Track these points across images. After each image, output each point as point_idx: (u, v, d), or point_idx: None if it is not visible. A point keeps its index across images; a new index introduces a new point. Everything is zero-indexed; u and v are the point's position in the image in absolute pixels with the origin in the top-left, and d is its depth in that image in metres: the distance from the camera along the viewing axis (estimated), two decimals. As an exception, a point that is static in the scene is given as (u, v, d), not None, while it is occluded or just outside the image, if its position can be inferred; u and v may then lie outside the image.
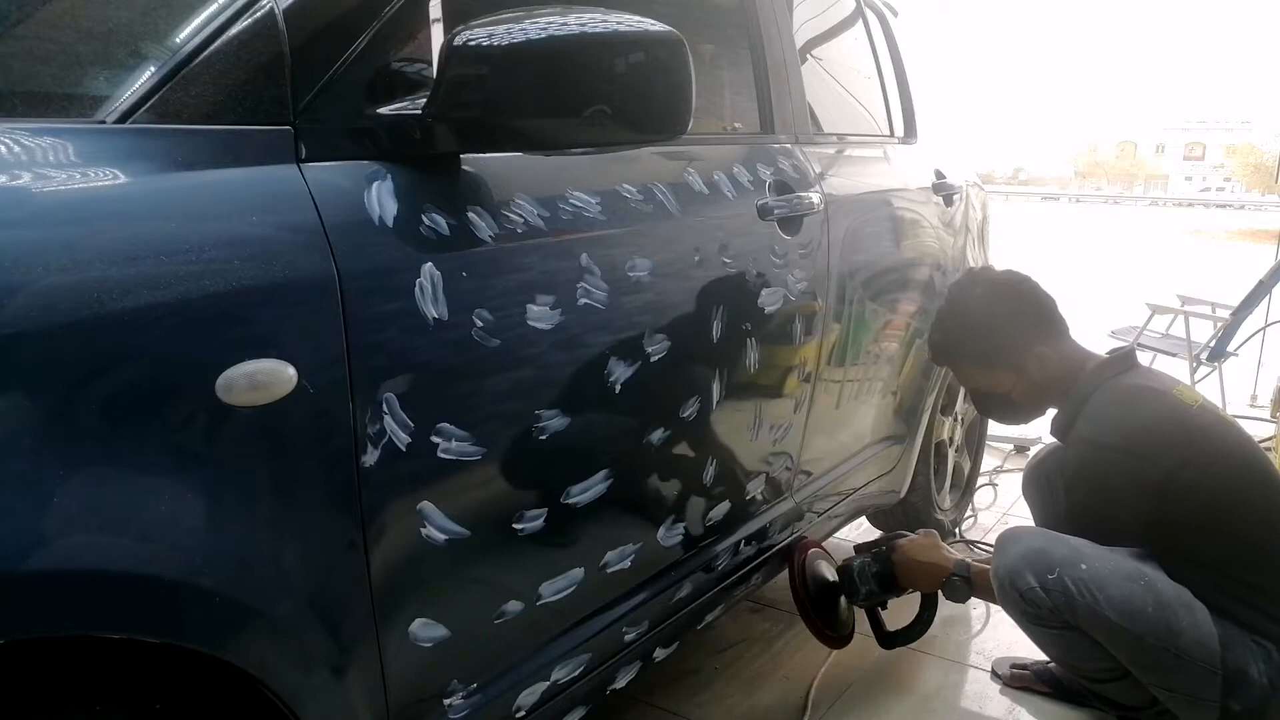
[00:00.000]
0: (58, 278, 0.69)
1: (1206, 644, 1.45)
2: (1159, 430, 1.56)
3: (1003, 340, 1.77)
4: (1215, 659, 1.45)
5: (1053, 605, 1.49)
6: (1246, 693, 1.45)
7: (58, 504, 0.68)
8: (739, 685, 1.88)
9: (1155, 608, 1.46)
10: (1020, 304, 1.79)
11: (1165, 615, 1.45)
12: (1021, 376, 1.77)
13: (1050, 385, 1.76)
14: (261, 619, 0.83)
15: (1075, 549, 1.52)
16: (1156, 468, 1.51)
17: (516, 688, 1.16)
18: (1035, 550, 1.53)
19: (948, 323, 1.86)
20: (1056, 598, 1.48)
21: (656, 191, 1.30)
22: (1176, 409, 1.59)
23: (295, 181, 0.88)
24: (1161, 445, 1.54)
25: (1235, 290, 4.04)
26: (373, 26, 0.98)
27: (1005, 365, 1.78)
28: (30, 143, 0.75)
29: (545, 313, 1.09)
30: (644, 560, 1.37)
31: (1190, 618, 1.47)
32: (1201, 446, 1.54)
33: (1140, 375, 1.70)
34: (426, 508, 0.98)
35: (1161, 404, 1.60)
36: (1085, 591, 1.46)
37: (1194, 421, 1.57)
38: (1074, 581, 1.47)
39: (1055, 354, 1.76)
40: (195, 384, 0.77)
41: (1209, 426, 1.58)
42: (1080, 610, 1.47)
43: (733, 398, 1.48)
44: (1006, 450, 3.46)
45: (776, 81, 1.71)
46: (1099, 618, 1.46)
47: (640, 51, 0.98)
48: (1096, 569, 1.48)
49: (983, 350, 1.81)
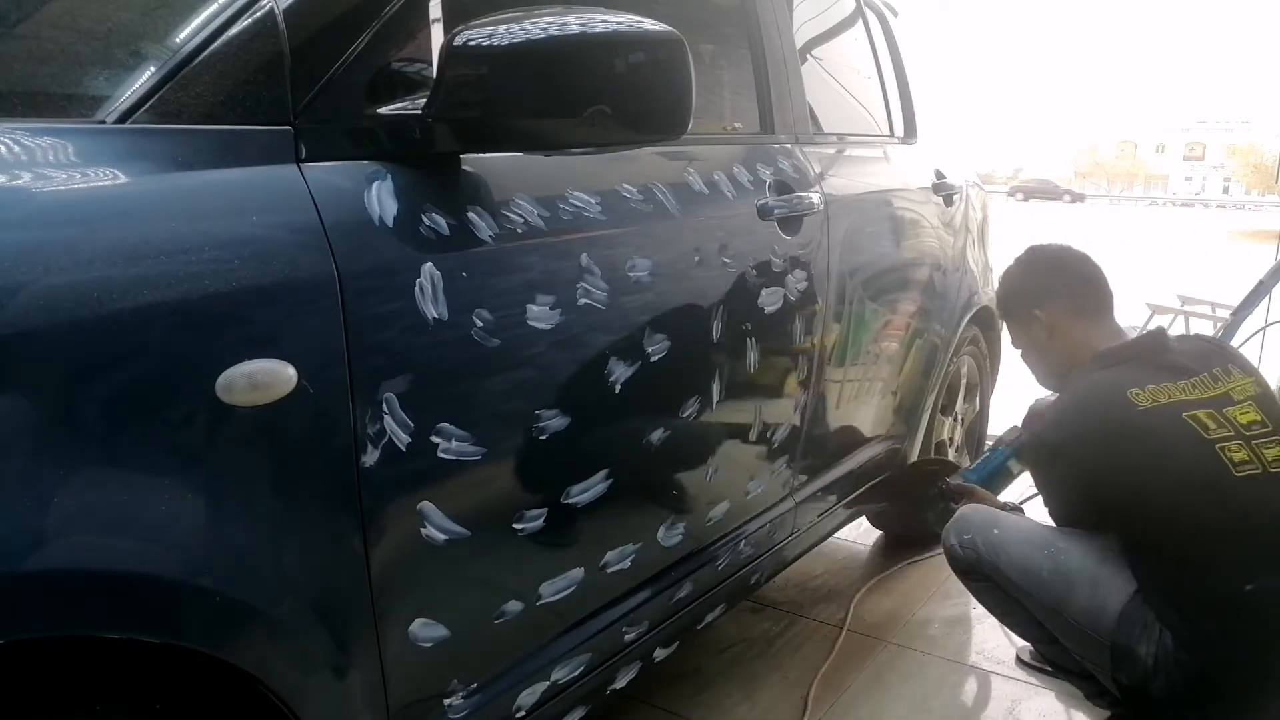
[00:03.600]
0: (58, 278, 0.69)
1: (1096, 616, 1.56)
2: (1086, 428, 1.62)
3: (1010, 297, 1.93)
4: (1105, 630, 1.55)
5: (966, 560, 1.76)
6: (1131, 669, 1.54)
7: (58, 504, 0.68)
8: (739, 685, 1.88)
9: (1050, 574, 1.62)
10: (1029, 268, 1.90)
11: (1060, 581, 1.61)
12: (1029, 336, 1.88)
13: (1057, 353, 1.82)
14: (261, 619, 0.83)
15: (995, 518, 1.77)
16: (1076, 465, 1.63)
17: (516, 688, 1.16)
18: (962, 517, 1.81)
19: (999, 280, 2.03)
20: (969, 553, 1.75)
21: (656, 191, 1.30)
22: (1114, 411, 1.58)
23: (295, 181, 0.88)
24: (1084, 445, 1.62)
25: (1235, 290, 4.04)
26: (373, 26, 0.98)
27: (1015, 321, 1.93)
28: (30, 143, 0.75)
29: (545, 313, 1.09)
30: (644, 560, 1.37)
31: (1091, 590, 1.58)
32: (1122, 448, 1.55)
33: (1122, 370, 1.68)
34: (426, 508, 0.98)
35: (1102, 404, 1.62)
36: (990, 550, 1.71)
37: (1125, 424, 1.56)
38: (983, 542, 1.73)
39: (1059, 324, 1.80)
40: (195, 384, 0.77)
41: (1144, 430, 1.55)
42: (986, 566, 1.72)
43: (732, 398, 1.48)
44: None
45: (776, 81, 1.71)
46: (1001, 574, 1.69)
47: (640, 51, 0.98)
48: (1006, 535, 1.71)
49: (1001, 303, 2.01)
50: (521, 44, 0.91)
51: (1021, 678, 1.93)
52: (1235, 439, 1.53)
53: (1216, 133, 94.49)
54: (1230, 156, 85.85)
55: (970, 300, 2.41)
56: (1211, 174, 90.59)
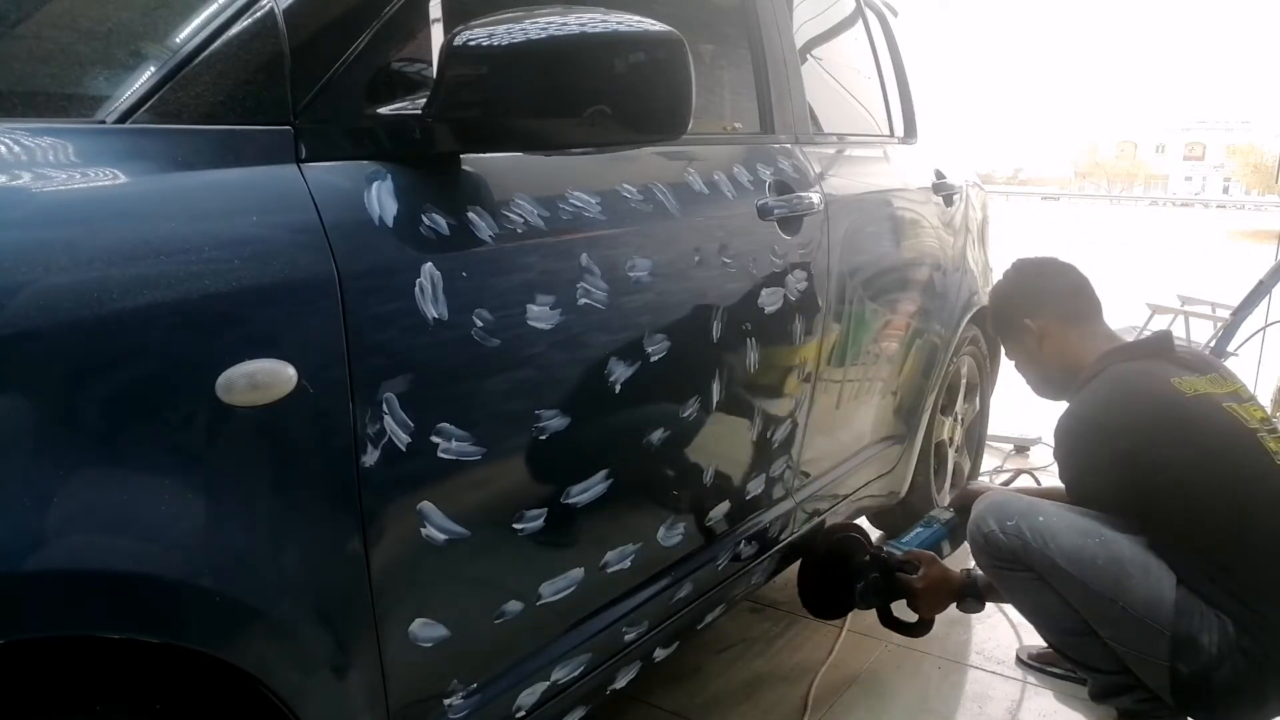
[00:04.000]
0: (58, 278, 0.69)
1: (1156, 604, 1.52)
2: (1135, 409, 1.64)
3: (1000, 309, 1.98)
4: (1165, 619, 1.52)
5: (1010, 547, 1.64)
6: (1194, 657, 1.51)
7: (58, 504, 0.68)
8: (739, 685, 1.88)
9: (1106, 561, 1.56)
10: (1014, 282, 1.95)
11: (1115, 569, 1.55)
12: (1023, 348, 1.91)
13: (1053, 361, 1.85)
14: (261, 619, 0.83)
15: (1037, 505, 1.66)
16: (1124, 441, 1.61)
17: (516, 688, 1.16)
18: (999, 502, 1.71)
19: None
20: (1013, 541, 1.63)
21: (656, 191, 1.30)
22: (1164, 393, 1.64)
23: (295, 181, 0.88)
24: (1133, 422, 1.62)
25: (1235, 290, 4.04)
26: (373, 26, 0.98)
27: (1006, 332, 1.97)
28: (30, 143, 0.75)
29: (545, 313, 1.09)
30: (644, 560, 1.37)
31: (1145, 578, 1.54)
32: (1175, 430, 1.60)
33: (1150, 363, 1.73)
34: (426, 508, 0.98)
35: (1149, 387, 1.66)
36: (1038, 538, 1.60)
37: (1177, 407, 1.62)
38: (1029, 528, 1.62)
39: (1050, 332, 1.85)
40: (195, 384, 0.77)
41: (1194, 415, 1.61)
42: (1034, 554, 1.61)
43: (733, 398, 1.48)
44: (1006, 450, 3.46)
45: (776, 81, 1.71)
46: (1049, 562, 1.59)
47: (640, 51, 0.98)
48: (1052, 521, 1.62)
49: (991, 316, 2.05)
50: (521, 44, 0.91)
51: (1021, 678, 1.93)
52: (1263, 431, 1.60)
53: (1216, 133, 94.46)
54: (1230, 156, 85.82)
55: (970, 300, 2.41)
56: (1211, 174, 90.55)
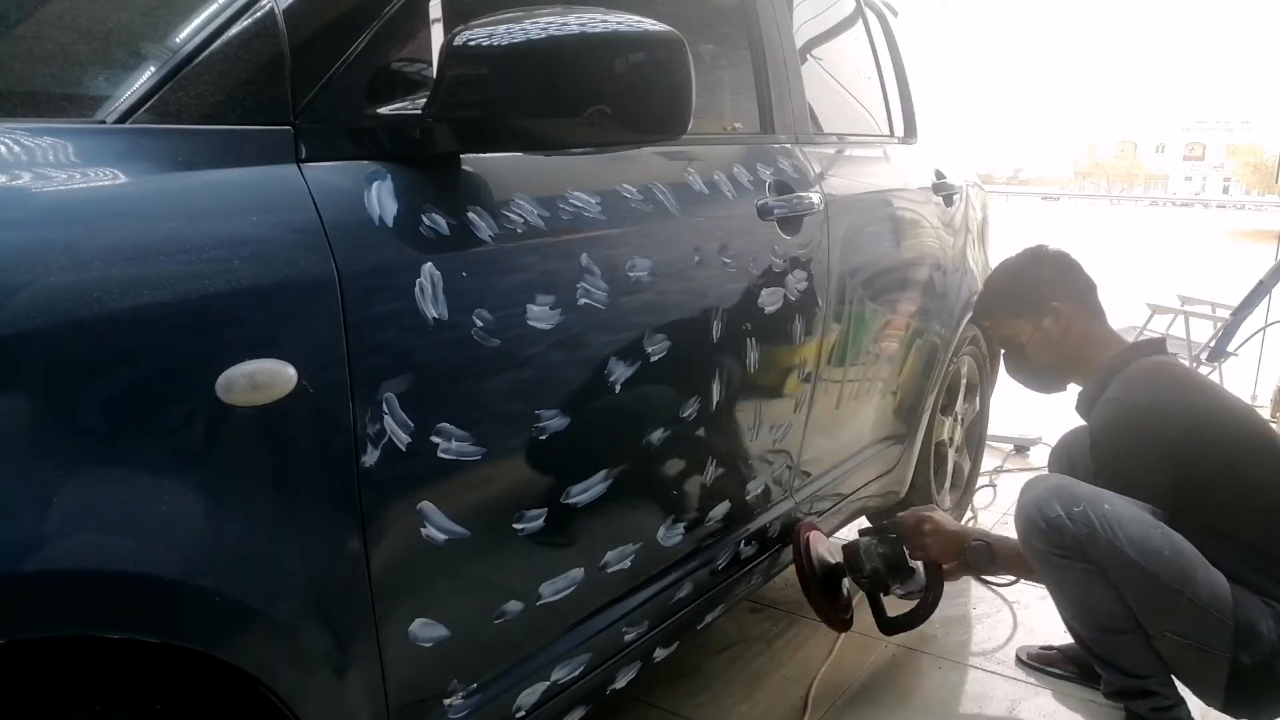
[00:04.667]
0: (58, 277, 0.69)
1: (1219, 594, 1.51)
2: (1185, 393, 1.68)
3: (1021, 290, 1.91)
4: (1227, 610, 1.51)
5: (1075, 535, 1.55)
6: (1257, 647, 1.50)
7: (58, 504, 0.68)
8: (739, 685, 1.88)
9: (1172, 552, 1.52)
10: (1042, 262, 1.93)
11: (1181, 561, 1.52)
12: (1038, 330, 1.87)
13: (1066, 348, 1.85)
14: (261, 619, 0.83)
15: (1100, 491, 1.60)
16: (1177, 425, 1.61)
17: (516, 688, 1.16)
18: (1063, 485, 1.63)
19: (987, 281, 2.02)
20: (1080, 528, 1.54)
21: (656, 191, 1.30)
22: (1203, 382, 1.74)
23: (295, 181, 0.88)
24: (1185, 406, 1.64)
25: (1235, 290, 4.04)
26: (373, 26, 0.98)
27: (1022, 315, 1.89)
28: (30, 143, 0.75)
29: (545, 313, 1.09)
30: (644, 560, 1.37)
31: (1204, 569, 1.53)
32: (1223, 415, 1.65)
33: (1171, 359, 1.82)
34: (426, 508, 0.98)
35: (1191, 375, 1.76)
36: (1107, 526, 1.53)
37: (1219, 395, 1.71)
38: (1097, 516, 1.54)
39: (1076, 318, 1.85)
40: (195, 384, 0.77)
41: (1233, 404, 1.69)
42: (1101, 543, 1.53)
43: (733, 398, 1.48)
44: (1006, 450, 3.46)
45: (776, 81, 1.71)
46: (1118, 553, 1.52)
47: (640, 51, 0.98)
48: (1119, 509, 1.56)
49: (1005, 299, 1.94)
50: (521, 44, 0.91)
51: (1021, 678, 1.93)
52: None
53: (1216, 133, 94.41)
54: (1230, 156, 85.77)
55: (970, 300, 2.41)
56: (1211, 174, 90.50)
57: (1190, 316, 3.95)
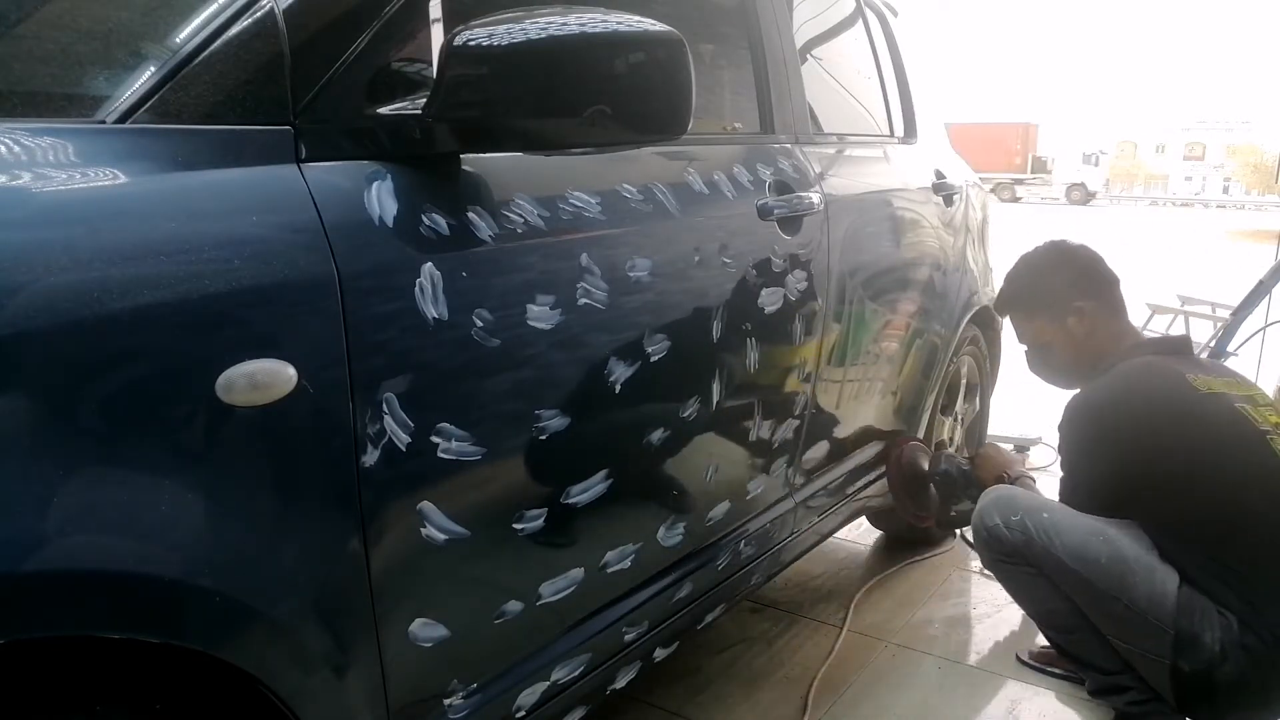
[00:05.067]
0: (58, 278, 0.69)
1: (1159, 601, 1.54)
2: (1147, 396, 1.66)
3: (1044, 289, 1.89)
4: (1168, 617, 1.53)
5: (1012, 542, 1.67)
6: (1196, 655, 1.52)
7: (58, 504, 0.68)
8: (739, 685, 1.88)
9: (1109, 560, 1.57)
10: (1064, 260, 1.91)
11: (1119, 568, 1.57)
12: (1062, 330, 1.87)
13: (1089, 347, 1.85)
14: (261, 619, 0.83)
15: (1043, 503, 1.70)
16: (1130, 425, 1.63)
17: (516, 688, 1.16)
18: (1005, 498, 1.73)
19: (1009, 275, 2.00)
20: (1016, 535, 1.66)
21: (656, 191, 1.30)
22: (1177, 388, 1.66)
23: (295, 181, 0.88)
24: (1142, 409, 1.64)
25: (1235, 290, 4.04)
26: (373, 26, 0.98)
27: (1046, 314, 1.88)
28: (30, 143, 0.75)
29: (545, 313, 1.09)
30: (644, 560, 1.37)
31: (1148, 576, 1.56)
32: (1180, 421, 1.62)
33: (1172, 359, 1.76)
34: (426, 508, 0.98)
35: (1163, 381, 1.69)
36: (1042, 534, 1.63)
37: (1187, 400, 1.64)
38: (1034, 525, 1.65)
39: (1099, 317, 1.84)
40: (195, 384, 0.77)
41: (1203, 410, 1.63)
42: (1037, 550, 1.63)
43: (733, 398, 1.48)
44: (1006, 450, 3.45)
45: (776, 81, 1.71)
46: (1053, 559, 1.62)
47: (640, 51, 0.98)
48: (1057, 518, 1.64)
49: (1028, 297, 1.93)
50: (521, 44, 0.91)
51: (1021, 678, 1.93)
52: (1275, 434, 1.61)
53: (1216, 133, 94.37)
54: (1230, 156, 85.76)
55: (970, 300, 2.41)
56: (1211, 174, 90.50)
57: (1190, 316, 3.95)
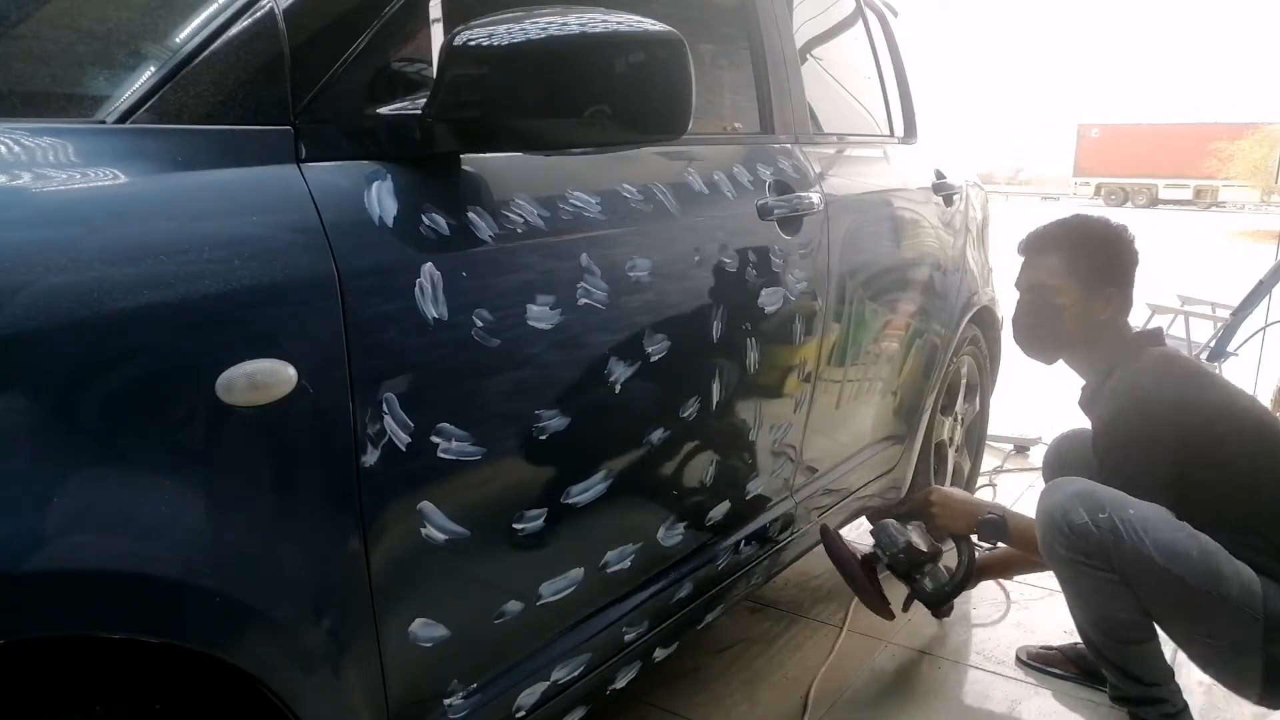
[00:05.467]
0: (58, 278, 0.69)
1: (1250, 589, 1.49)
2: (1195, 385, 1.66)
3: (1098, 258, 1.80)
4: (1258, 605, 1.49)
5: (1100, 541, 1.53)
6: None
7: (58, 504, 0.68)
8: (739, 685, 1.88)
9: (1200, 553, 1.50)
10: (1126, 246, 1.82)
11: (1210, 561, 1.50)
12: (1085, 301, 1.79)
13: (1093, 331, 1.80)
14: (261, 619, 0.83)
15: (1124, 497, 1.57)
16: (1192, 416, 1.59)
17: (516, 688, 1.16)
18: (1087, 491, 1.59)
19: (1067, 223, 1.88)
20: (1105, 535, 1.52)
21: (656, 191, 1.30)
22: (1211, 374, 1.72)
23: (295, 181, 0.88)
24: (1197, 399, 1.63)
25: (1235, 290, 4.04)
26: (373, 26, 0.98)
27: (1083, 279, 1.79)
28: (30, 143, 0.75)
29: (545, 313, 1.09)
30: (644, 560, 1.37)
31: (1232, 565, 1.51)
32: (1234, 408, 1.64)
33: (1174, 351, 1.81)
34: (426, 508, 0.98)
35: (1198, 368, 1.74)
36: (1132, 532, 1.51)
37: (1227, 387, 1.69)
38: (1122, 521, 1.52)
39: (1119, 311, 1.81)
40: (195, 384, 0.77)
41: (1240, 395, 1.69)
42: (1126, 550, 1.51)
43: (733, 398, 1.48)
44: (1006, 450, 3.46)
45: (776, 81, 1.71)
46: (1144, 559, 1.50)
47: (640, 51, 0.98)
48: (1144, 513, 1.53)
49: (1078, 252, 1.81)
50: (521, 44, 0.91)
51: (1021, 678, 1.93)
52: None
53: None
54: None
55: (970, 300, 2.41)
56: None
57: (1190, 316, 3.95)
